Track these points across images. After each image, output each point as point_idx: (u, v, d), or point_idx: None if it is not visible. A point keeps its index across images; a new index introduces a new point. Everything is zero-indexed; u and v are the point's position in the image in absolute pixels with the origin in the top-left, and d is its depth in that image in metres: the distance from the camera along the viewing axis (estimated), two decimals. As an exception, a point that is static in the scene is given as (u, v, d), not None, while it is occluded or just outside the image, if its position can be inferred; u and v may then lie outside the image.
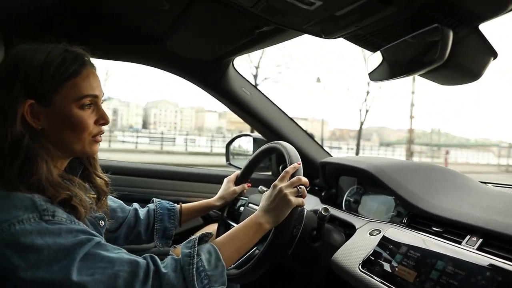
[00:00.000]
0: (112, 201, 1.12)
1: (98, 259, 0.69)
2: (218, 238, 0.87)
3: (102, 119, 0.82)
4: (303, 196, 0.92)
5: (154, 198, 1.24)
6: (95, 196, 0.90)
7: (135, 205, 1.19)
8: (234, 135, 1.88)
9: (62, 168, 0.83)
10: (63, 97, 0.75)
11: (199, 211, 1.28)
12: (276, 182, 0.93)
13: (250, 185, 1.33)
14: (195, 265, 0.76)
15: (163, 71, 1.53)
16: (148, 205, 1.22)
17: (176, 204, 1.23)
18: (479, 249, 0.80)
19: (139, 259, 0.74)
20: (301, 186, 0.92)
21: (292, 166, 0.96)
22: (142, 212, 1.18)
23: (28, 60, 0.74)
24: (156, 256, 0.77)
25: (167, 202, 1.23)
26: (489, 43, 0.74)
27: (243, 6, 0.86)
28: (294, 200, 0.89)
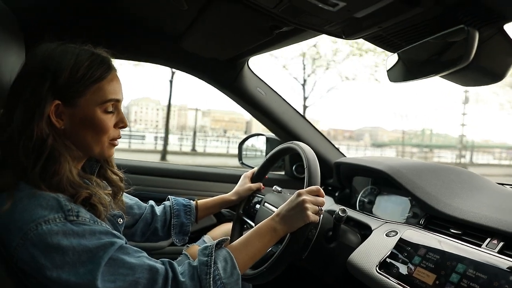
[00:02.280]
0: (129, 199, 1.13)
1: (120, 265, 0.69)
2: (233, 243, 0.87)
3: (121, 123, 0.84)
4: (319, 215, 0.93)
5: (169, 196, 1.25)
6: (111, 192, 0.91)
7: (151, 202, 1.21)
8: (246, 135, 1.88)
9: (79, 167, 0.84)
10: (88, 100, 0.77)
11: (215, 207, 1.28)
12: (302, 191, 0.94)
13: (264, 187, 1.34)
14: (211, 274, 0.76)
15: (178, 70, 1.54)
16: (164, 202, 1.23)
17: (191, 201, 1.25)
18: (500, 252, 0.79)
19: (159, 265, 0.74)
20: (322, 208, 0.94)
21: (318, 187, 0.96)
22: (158, 209, 1.19)
23: (57, 60, 0.74)
24: (174, 263, 0.77)
25: (183, 198, 1.24)
26: (514, 43, 0.73)
27: (264, 7, 0.86)
28: (312, 216, 0.90)
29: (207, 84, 1.55)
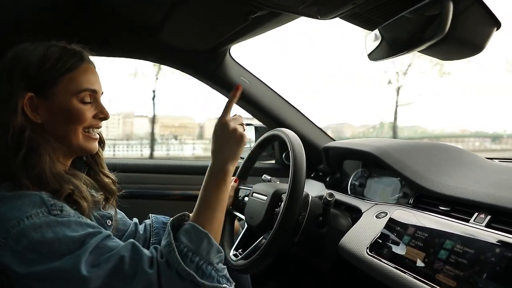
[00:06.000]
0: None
1: (107, 250, 0.68)
2: (191, 214, 0.81)
3: (101, 114, 0.83)
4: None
5: (150, 214, 1.18)
6: (103, 195, 0.89)
7: (135, 220, 1.14)
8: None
9: (68, 163, 0.83)
10: (62, 90, 0.77)
11: None
12: (220, 117, 0.86)
13: (237, 180, 1.28)
14: (176, 250, 0.71)
15: (158, 64, 1.51)
16: (145, 220, 1.16)
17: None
18: (487, 226, 0.78)
19: (145, 249, 0.72)
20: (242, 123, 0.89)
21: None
22: (141, 227, 1.13)
23: (28, 54, 0.76)
24: (158, 246, 0.75)
25: (163, 216, 1.17)
26: (492, 12, 0.71)
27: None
28: (241, 135, 0.84)
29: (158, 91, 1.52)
